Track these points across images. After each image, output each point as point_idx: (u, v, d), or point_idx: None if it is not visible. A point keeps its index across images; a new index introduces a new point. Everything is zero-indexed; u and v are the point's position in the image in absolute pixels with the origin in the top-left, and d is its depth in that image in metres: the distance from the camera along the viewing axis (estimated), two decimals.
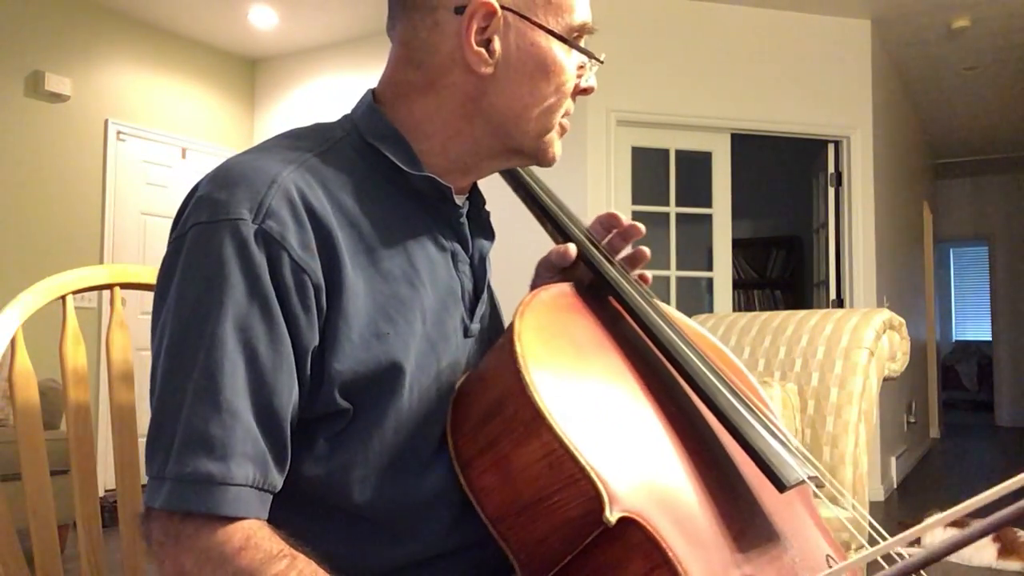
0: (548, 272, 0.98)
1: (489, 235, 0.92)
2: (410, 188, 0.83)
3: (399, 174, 0.82)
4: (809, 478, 0.80)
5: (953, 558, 3.56)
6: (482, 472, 0.73)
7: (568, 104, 0.85)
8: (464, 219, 0.87)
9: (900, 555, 0.72)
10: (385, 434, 0.76)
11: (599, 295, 0.91)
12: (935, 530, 3.67)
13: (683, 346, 0.85)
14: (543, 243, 0.99)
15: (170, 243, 0.74)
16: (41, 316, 1.00)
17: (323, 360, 0.73)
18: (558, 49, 0.81)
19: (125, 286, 1.09)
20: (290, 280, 0.70)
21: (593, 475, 0.67)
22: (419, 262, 0.81)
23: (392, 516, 0.77)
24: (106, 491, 3.92)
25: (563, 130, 0.87)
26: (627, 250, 0.99)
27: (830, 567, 0.82)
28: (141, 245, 5.16)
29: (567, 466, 0.68)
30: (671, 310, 1.00)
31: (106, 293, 1.06)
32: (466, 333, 0.85)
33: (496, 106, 0.81)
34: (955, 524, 3.63)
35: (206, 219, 0.71)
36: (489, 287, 0.92)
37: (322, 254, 0.73)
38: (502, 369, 0.74)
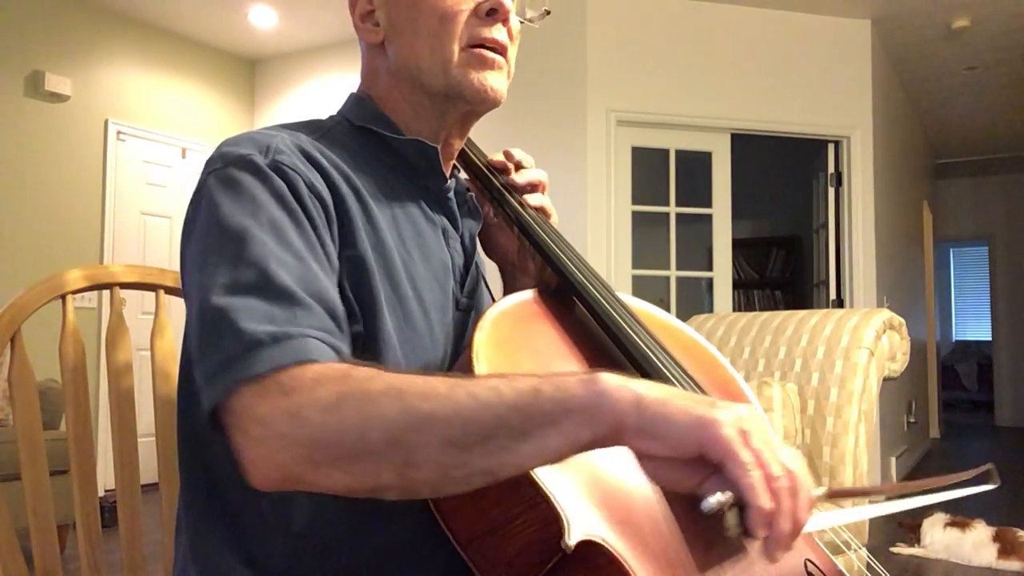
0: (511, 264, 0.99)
1: (476, 216, 0.95)
2: (400, 163, 0.87)
3: (389, 152, 0.87)
4: None
5: (953, 558, 3.56)
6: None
7: (470, 29, 0.83)
8: (452, 196, 0.91)
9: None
10: None
11: (564, 298, 0.90)
12: (935, 530, 3.67)
13: (649, 351, 0.84)
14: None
15: (191, 202, 0.77)
16: (41, 316, 1.00)
17: (341, 279, 0.75)
18: None
19: (125, 286, 1.09)
20: (309, 201, 0.74)
21: (552, 498, 0.66)
22: (407, 232, 0.84)
23: None
24: (106, 491, 3.93)
25: (482, 61, 0.84)
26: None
27: (808, 572, 0.81)
28: (141, 245, 5.16)
29: (526, 489, 0.67)
30: (643, 305, 0.99)
31: (106, 293, 1.06)
32: (457, 306, 0.87)
33: (400, 62, 0.86)
34: (954, 524, 3.63)
35: (221, 165, 0.75)
36: (479, 265, 0.95)
37: (331, 192, 0.77)
38: None
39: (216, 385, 0.63)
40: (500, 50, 0.86)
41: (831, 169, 5.02)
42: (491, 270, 1.04)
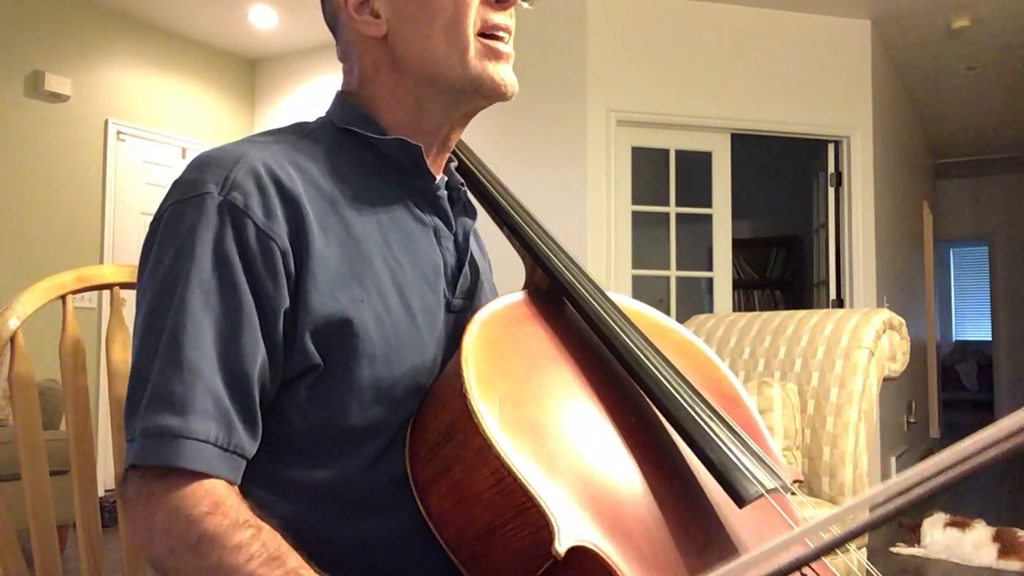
0: None
1: (470, 213, 0.93)
2: (386, 164, 0.85)
3: (373, 153, 0.85)
4: (769, 491, 0.77)
5: (953, 558, 3.56)
6: (439, 498, 0.72)
7: (481, 15, 0.82)
8: (443, 194, 0.88)
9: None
10: (363, 396, 0.77)
11: (555, 299, 0.89)
12: (935, 530, 3.67)
13: (639, 353, 0.83)
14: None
15: (150, 226, 0.79)
16: (41, 316, 1.00)
17: (295, 318, 0.75)
18: None
19: (125, 286, 1.08)
20: (255, 247, 0.73)
21: (542, 504, 0.66)
22: (394, 236, 0.82)
23: (370, 487, 0.78)
24: (106, 491, 3.93)
25: (496, 54, 0.83)
26: None
27: (802, 574, 0.80)
28: (141, 245, 5.15)
29: (516, 495, 0.67)
30: (637, 305, 0.98)
31: (106, 293, 1.06)
32: (448, 307, 0.86)
33: (410, 57, 0.83)
34: (954, 524, 3.63)
35: (177, 199, 0.76)
36: (475, 263, 0.92)
37: (288, 220, 0.76)
38: (452, 393, 0.73)
39: (124, 454, 0.72)
40: (508, 35, 0.84)
41: (831, 169, 5.02)
42: (500, 267, 1.04)
